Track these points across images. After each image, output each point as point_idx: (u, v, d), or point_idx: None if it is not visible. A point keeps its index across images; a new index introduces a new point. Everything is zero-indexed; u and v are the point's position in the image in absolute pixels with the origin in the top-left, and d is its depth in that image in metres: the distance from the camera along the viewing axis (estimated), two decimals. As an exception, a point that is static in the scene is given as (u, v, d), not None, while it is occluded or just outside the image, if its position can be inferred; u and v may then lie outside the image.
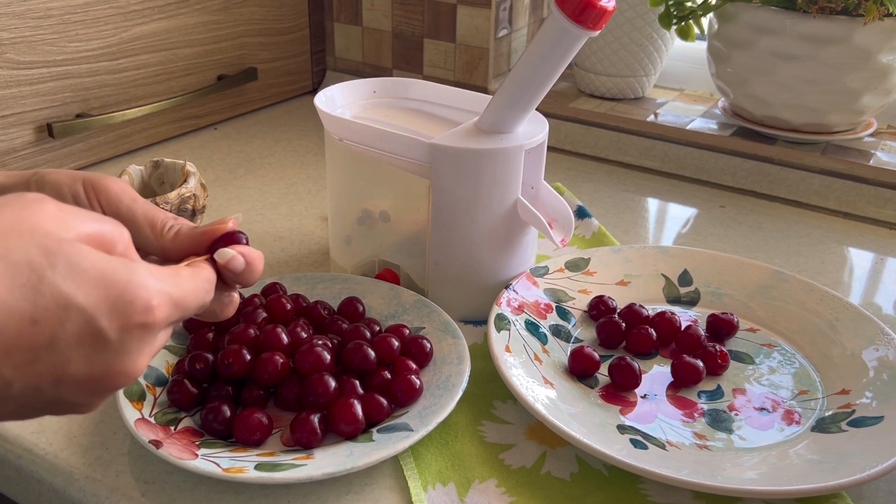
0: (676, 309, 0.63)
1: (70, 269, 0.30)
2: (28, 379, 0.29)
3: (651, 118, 0.92)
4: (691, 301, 0.64)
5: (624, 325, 0.59)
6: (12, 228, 0.29)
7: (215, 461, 0.45)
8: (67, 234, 0.31)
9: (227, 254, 0.39)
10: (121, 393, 0.48)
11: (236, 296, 0.41)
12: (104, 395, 0.33)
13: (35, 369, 0.29)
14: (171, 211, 0.62)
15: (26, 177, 0.40)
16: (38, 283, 0.29)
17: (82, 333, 0.30)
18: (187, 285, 0.35)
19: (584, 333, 0.61)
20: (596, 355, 0.56)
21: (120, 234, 0.33)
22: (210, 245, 0.40)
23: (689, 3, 0.86)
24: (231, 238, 0.40)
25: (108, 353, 0.31)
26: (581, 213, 0.77)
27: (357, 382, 0.51)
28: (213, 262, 0.39)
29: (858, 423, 0.50)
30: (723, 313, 0.60)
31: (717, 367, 0.55)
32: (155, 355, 0.35)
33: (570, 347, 0.58)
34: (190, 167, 0.67)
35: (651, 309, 0.61)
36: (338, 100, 0.66)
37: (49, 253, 0.29)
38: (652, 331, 0.58)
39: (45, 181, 0.40)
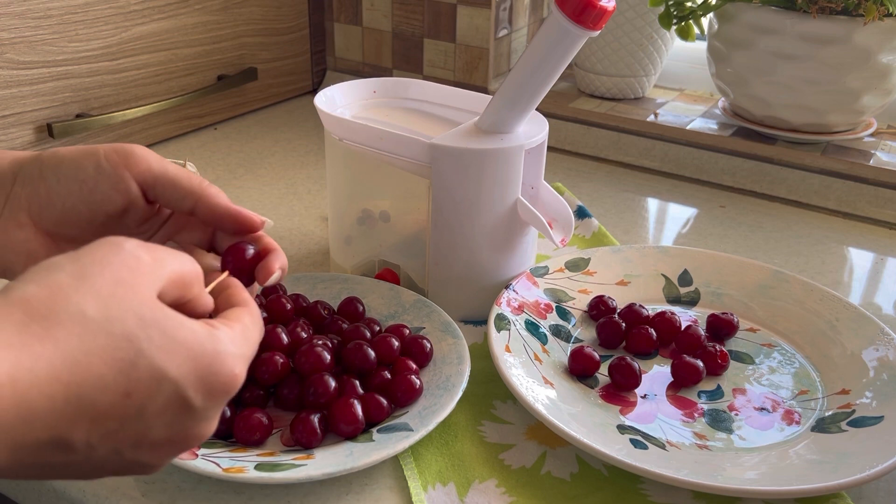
0: (676, 309, 0.63)
1: (164, 340, 0.31)
2: (111, 444, 0.30)
3: (651, 118, 0.92)
4: (691, 301, 0.64)
5: (624, 325, 0.59)
6: (112, 294, 0.30)
7: (215, 461, 0.45)
8: (159, 282, 0.32)
9: (273, 279, 0.41)
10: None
11: None
12: (176, 455, 0.34)
13: (119, 436, 0.30)
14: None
15: (37, 157, 0.41)
16: (136, 357, 0.30)
17: (169, 402, 0.31)
18: (254, 336, 0.36)
19: (584, 333, 0.61)
20: (596, 355, 0.56)
21: (197, 274, 0.35)
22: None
23: (689, 3, 0.86)
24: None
25: (189, 419, 0.32)
26: (581, 213, 0.77)
27: (357, 382, 0.51)
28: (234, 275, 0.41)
29: (858, 423, 0.50)
30: (723, 313, 0.60)
31: (717, 367, 0.55)
32: None
33: (570, 347, 0.58)
34: (190, 167, 0.67)
35: (651, 309, 0.61)
36: (338, 100, 0.66)
37: (146, 324, 0.30)
38: (652, 331, 0.58)
39: (61, 159, 0.40)
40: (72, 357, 0.28)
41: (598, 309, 0.61)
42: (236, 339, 0.34)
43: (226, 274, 0.40)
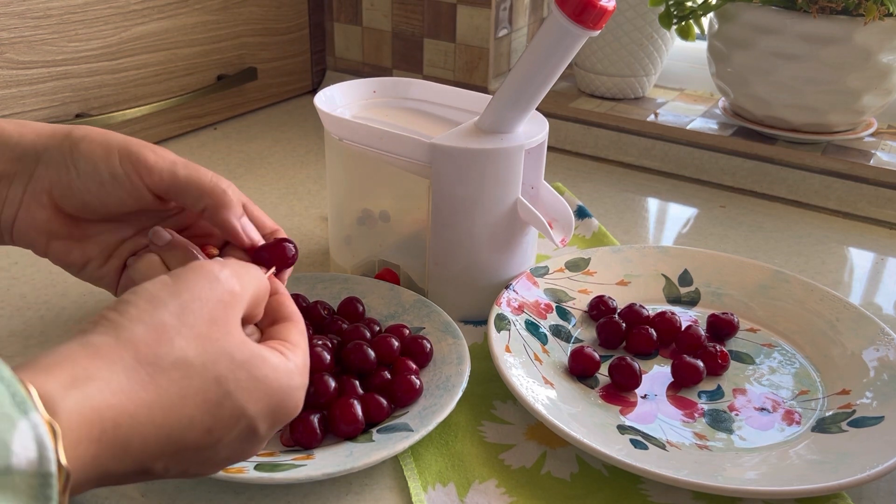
0: (676, 309, 0.63)
1: (249, 381, 0.33)
2: (183, 467, 0.33)
3: (651, 118, 0.92)
4: (691, 301, 0.64)
5: (624, 325, 0.58)
6: (209, 336, 0.33)
7: (215, 461, 0.44)
8: (243, 309, 0.35)
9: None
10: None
11: None
12: (225, 467, 0.36)
13: (192, 461, 0.33)
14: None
15: (59, 142, 0.42)
16: (223, 398, 0.32)
17: (242, 433, 0.34)
18: (308, 361, 0.38)
19: (584, 333, 0.60)
20: (596, 355, 0.55)
21: (266, 292, 0.39)
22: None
23: (689, 3, 0.86)
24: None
25: (253, 443, 0.35)
26: (581, 213, 0.77)
27: (357, 382, 0.51)
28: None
29: (859, 423, 0.50)
30: (723, 313, 0.60)
31: (717, 367, 0.55)
32: None
33: (570, 347, 0.58)
34: (190, 167, 0.67)
35: (651, 309, 0.61)
36: (338, 100, 0.66)
37: (235, 366, 0.33)
38: (652, 331, 0.58)
39: (79, 155, 0.41)
40: (169, 403, 0.31)
41: (599, 309, 0.61)
42: (301, 371, 0.37)
43: (272, 270, 0.42)
